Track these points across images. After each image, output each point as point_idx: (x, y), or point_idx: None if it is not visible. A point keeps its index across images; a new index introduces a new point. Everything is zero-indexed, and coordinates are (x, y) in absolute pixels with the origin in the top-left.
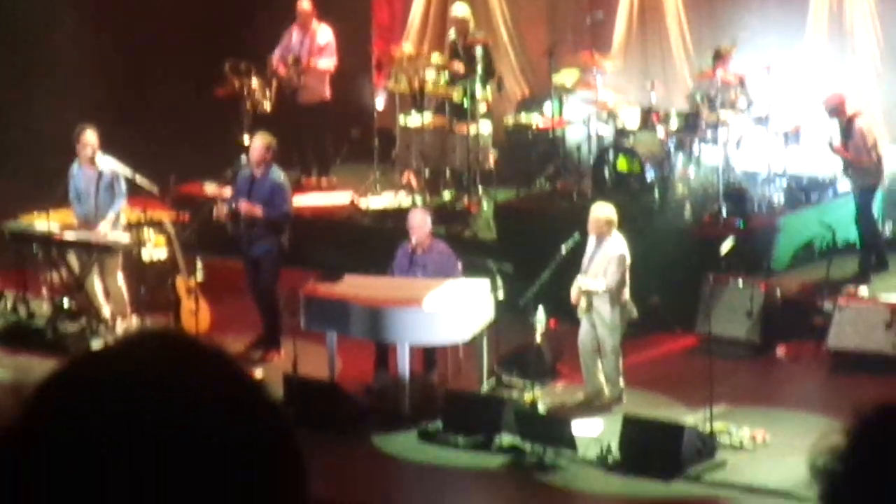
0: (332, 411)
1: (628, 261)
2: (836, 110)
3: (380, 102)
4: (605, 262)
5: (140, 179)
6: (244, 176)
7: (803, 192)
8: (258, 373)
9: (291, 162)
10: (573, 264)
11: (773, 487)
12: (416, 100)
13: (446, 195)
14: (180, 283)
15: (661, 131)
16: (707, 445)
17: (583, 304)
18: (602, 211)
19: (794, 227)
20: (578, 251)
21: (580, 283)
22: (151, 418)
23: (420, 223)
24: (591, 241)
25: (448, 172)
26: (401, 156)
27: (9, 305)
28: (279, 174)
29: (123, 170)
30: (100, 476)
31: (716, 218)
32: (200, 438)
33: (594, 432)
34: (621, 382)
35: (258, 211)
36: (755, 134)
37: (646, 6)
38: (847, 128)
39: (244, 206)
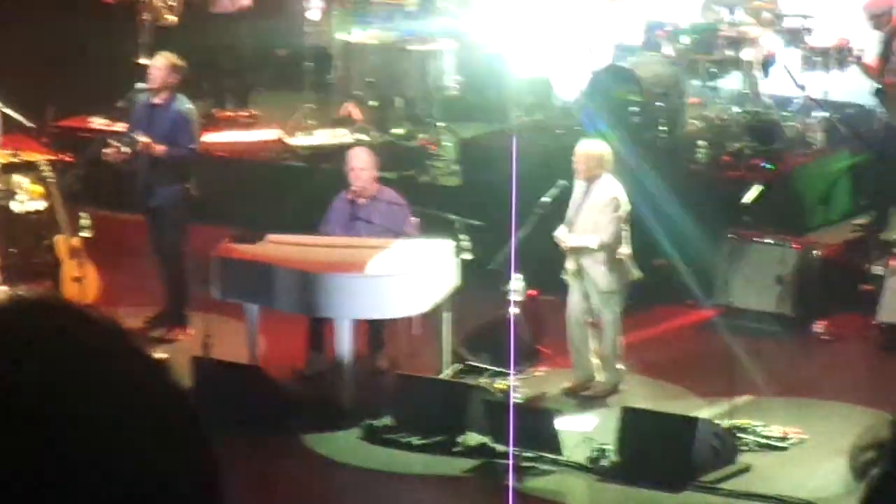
0: (254, 403)
1: (625, 208)
2: (881, 18)
3: (314, 12)
4: (595, 210)
5: (9, 112)
6: (141, 105)
7: (848, 127)
8: (161, 354)
9: (202, 89)
10: (558, 218)
11: (808, 498)
12: (360, 9)
13: (397, 130)
14: (61, 242)
15: (668, 49)
16: (726, 446)
17: (570, 266)
18: (591, 148)
19: (837, 170)
20: (564, 202)
21: (565, 240)
22: (26, 403)
23: (363, 165)
24: (578, 187)
25: (399, 102)
26: (340, 81)
27: None
28: (185, 102)
29: None
30: None
31: (738, 159)
32: (86, 429)
33: (585, 429)
34: (620, 366)
35: (159, 149)
36: (788, 53)
37: None
38: (890, 41)
39: (143, 143)
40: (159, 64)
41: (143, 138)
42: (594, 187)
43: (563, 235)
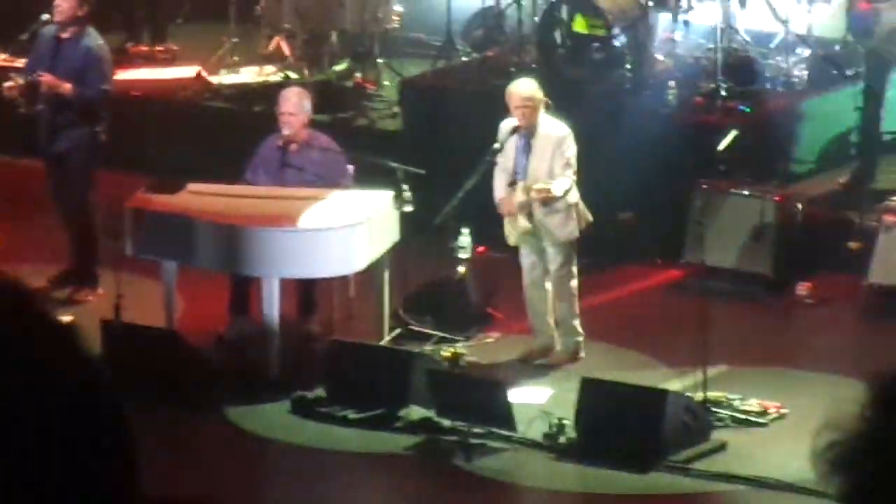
0: (171, 371)
1: (574, 146)
2: None
3: None
4: (547, 155)
5: None
6: (46, 39)
7: (835, 65)
8: (66, 317)
9: (113, 21)
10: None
11: (790, 480)
12: None
13: (332, 69)
14: None
15: None
16: (699, 421)
17: (522, 222)
18: (528, 87)
19: (823, 113)
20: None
21: (537, 188)
22: None
23: (294, 108)
24: (511, 137)
25: (334, 36)
26: (268, 12)
27: None
28: (95, 38)
29: None
30: None
31: (712, 100)
32: None
33: (541, 402)
34: (579, 328)
35: (65, 87)
36: None
37: None
38: None
39: (46, 79)
40: None
41: (46, 76)
42: (538, 129)
43: (538, 185)
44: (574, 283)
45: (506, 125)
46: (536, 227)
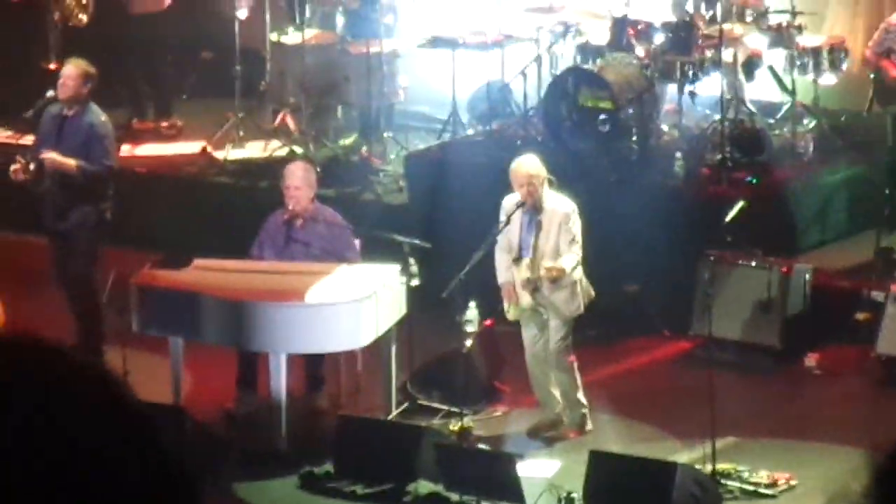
0: (178, 447)
1: (579, 221)
2: None
3: (242, 11)
4: (552, 232)
5: None
6: (51, 118)
7: (842, 135)
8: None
9: (119, 97)
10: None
11: None
12: (294, 7)
13: (338, 143)
14: None
15: (639, 50)
16: (708, 493)
17: (525, 299)
18: (530, 166)
19: (830, 184)
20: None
21: (531, 267)
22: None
23: (300, 182)
24: (519, 209)
25: (340, 111)
26: (273, 87)
27: None
28: (99, 114)
29: None
30: None
31: (718, 171)
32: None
33: (549, 475)
34: (583, 399)
35: (70, 164)
36: (773, 54)
37: None
38: None
39: (49, 157)
40: (70, 73)
41: (51, 154)
42: (544, 205)
43: (546, 263)
44: (572, 356)
45: (509, 202)
46: (541, 304)
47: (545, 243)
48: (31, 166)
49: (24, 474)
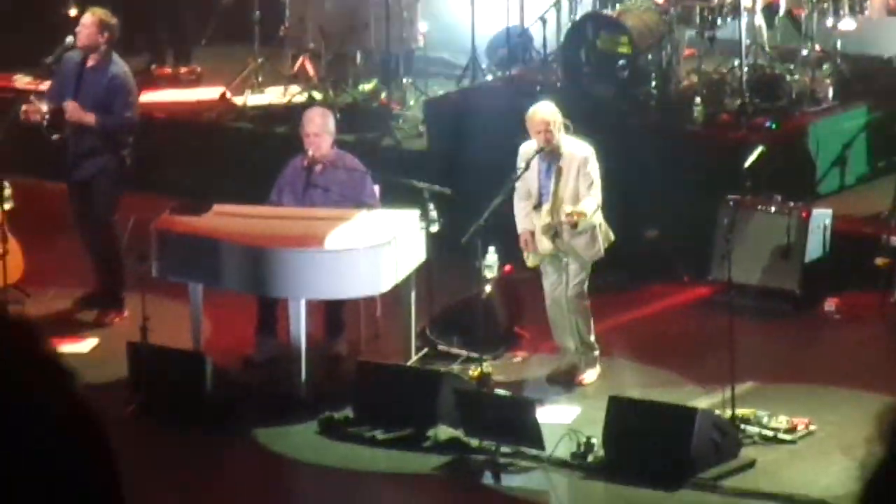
0: (198, 393)
1: (597, 165)
2: None
3: None
4: (571, 177)
5: None
6: (71, 65)
7: (863, 81)
8: (90, 341)
9: (138, 44)
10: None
11: (820, 497)
12: None
13: (357, 89)
14: None
15: None
16: (727, 439)
17: (545, 244)
18: (548, 110)
19: (851, 129)
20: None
21: (551, 213)
22: None
23: (319, 128)
24: (537, 155)
25: (359, 56)
26: (293, 33)
27: None
28: (121, 66)
29: None
30: None
31: (738, 117)
32: None
33: (569, 420)
34: (593, 341)
35: (90, 118)
36: None
37: None
38: None
39: (71, 108)
40: (86, 21)
41: (73, 104)
42: (562, 151)
43: (570, 209)
44: (587, 299)
45: (526, 148)
46: (561, 249)
47: (564, 188)
48: (45, 109)
49: None
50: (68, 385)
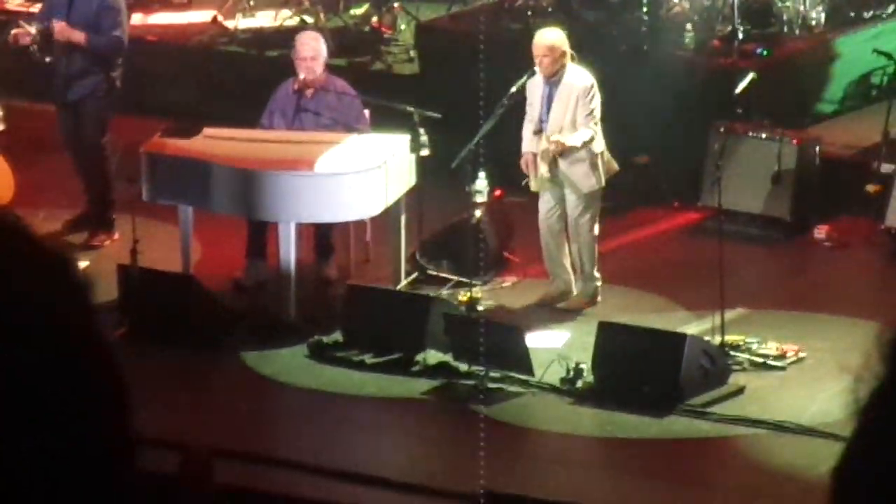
0: (187, 315)
1: (599, 96)
2: None
3: None
4: (571, 104)
5: None
6: None
7: (852, 7)
8: (80, 263)
9: None
10: (524, 110)
11: (809, 423)
12: None
13: (348, 13)
14: None
15: None
16: (717, 365)
17: (543, 170)
18: (552, 37)
19: (841, 55)
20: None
21: (553, 140)
22: None
23: (310, 52)
24: (537, 81)
25: None
26: None
27: None
28: None
29: None
30: None
31: (729, 43)
32: None
33: (558, 346)
34: (597, 274)
35: (79, 37)
36: None
37: None
38: None
39: (59, 28)
40: None
41: (61, 23)
42: (562, 79)
43: (554, 136)
44: (595, 231)
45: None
46: (560, 177)
47: (561, 116)
48: (34, 31)
49: None
50: (90, 309)
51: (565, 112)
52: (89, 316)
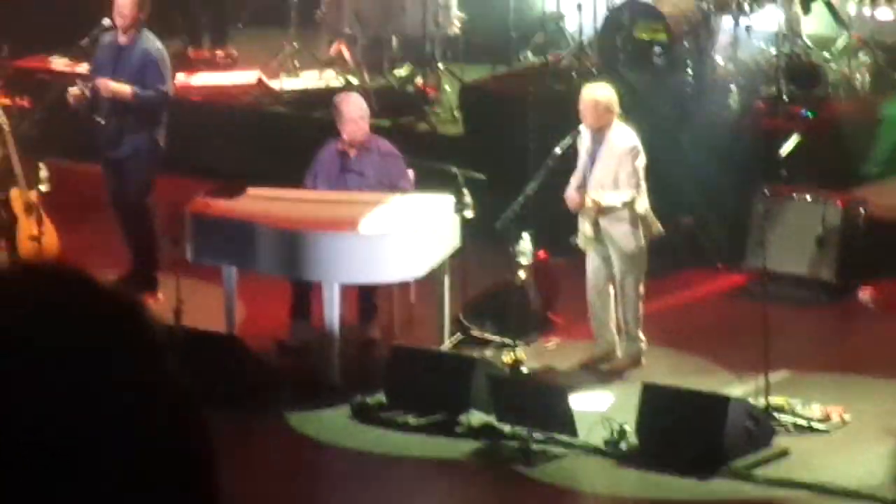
0: (231, 377)
1: (643, 157)
2: None
3: None
4: (614, 162)
5: None
6: (106, 46)
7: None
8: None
9: (174, 26)
10: (570, 172)
11: (853, 487)
12: None
13: (393, 73)
14: (16, 196)
15: None
16: (761, 427)
17: (586, 229)
18: (600, 93)
19: (884, 118)
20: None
21: (595, 198)
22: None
23: (355, 113)
24: (587, 137)
25: (395, 41)
26: (329, 17)
27: None
28: (153, 41)
29: None
30: None
31: (774, 105)
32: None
33: (602, 408)
34: (641, 336)
35: (125, 91)
36: None
37: None
38: None
39: (103, 85)
40: (125, 1)
41: (104, 80)
42: (608, 137)
43: (593, 194)
44: (639, 291)
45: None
46: (603, 235)
47: (603, 175)
48: (87, 93)
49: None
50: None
51: (608, 171)
52: (165, 363)
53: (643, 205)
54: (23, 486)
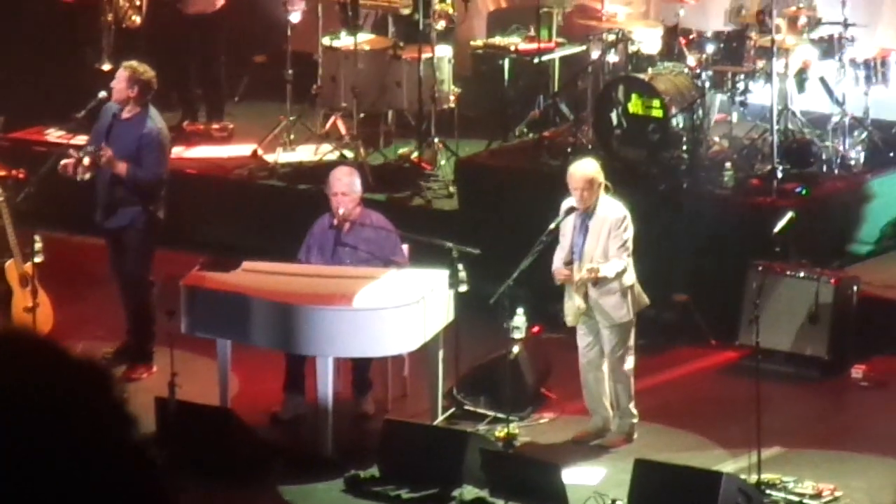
0: (225, 450)
1: (632, 228)
2: None
3: (295, 15)
4: (603, 236)
5: None
6: (107, 116)
7: (891, 148)
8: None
9: (171, 99)
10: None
11: None
12: (347, 12)
13: (388, 148)
14: (11, 267)
15: (691, 60)
16: (753, 503)
17: (579, 302)
18: (588, 168)
19: (879, 195)
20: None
21: (587, 268)
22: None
23: (347, 187)
24: (569, 217)
25: (390, 116)
26: (325, 92)
27: None
28: (157, 121)
29: None
30: None
31: (768, 182)
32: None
33: (594, 483)
34: (633, 410)
35: (121, 168)
36: (824, 65)
37: None
38: None
39: (107, 156)
40: (119, 75)
41: (109, 151)
42: (596, 209)
43: (587, 265)
44: (630, 364)
45: (566, 204)
46: (592, 308)
47: (593, 248)
48: (86, 161)
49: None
50: (134, 431)
51: (597, 243)
52: (130, 428)
53: (632, 277)
54: None
